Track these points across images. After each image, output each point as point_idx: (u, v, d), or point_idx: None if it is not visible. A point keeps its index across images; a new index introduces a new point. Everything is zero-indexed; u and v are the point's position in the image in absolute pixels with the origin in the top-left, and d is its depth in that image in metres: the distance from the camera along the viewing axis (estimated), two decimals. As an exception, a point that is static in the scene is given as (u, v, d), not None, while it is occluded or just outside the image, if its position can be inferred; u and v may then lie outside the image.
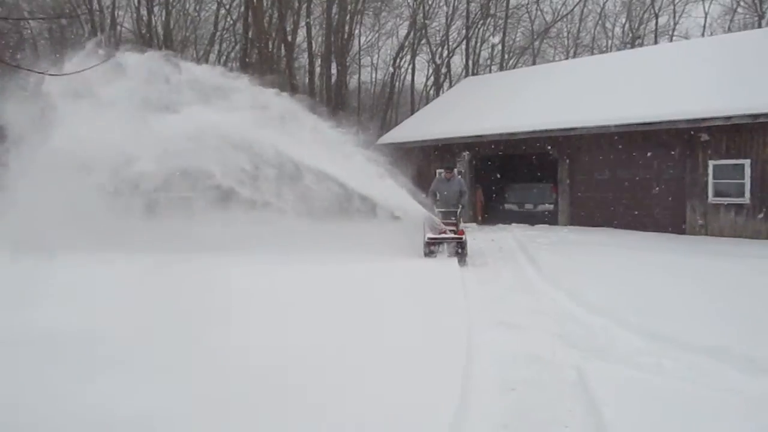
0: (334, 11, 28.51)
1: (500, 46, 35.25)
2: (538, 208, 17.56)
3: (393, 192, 10.10)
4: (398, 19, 34.58)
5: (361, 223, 13.00)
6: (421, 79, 38.22)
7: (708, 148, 13.19)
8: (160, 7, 27.88)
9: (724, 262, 9.18)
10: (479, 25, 34.74)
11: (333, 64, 29.60)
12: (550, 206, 17.10)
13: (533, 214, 17.45)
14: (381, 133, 24.28)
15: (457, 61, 36.35)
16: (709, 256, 9.92)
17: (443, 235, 10.00)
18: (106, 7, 27.49)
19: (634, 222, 14.21)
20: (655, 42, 33.43)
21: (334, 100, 28.43)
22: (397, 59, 33.89)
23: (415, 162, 17.87)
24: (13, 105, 8.00)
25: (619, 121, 14.13)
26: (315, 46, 29.45)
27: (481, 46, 35.73)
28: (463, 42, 34.51)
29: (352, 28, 30.29)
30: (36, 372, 4.13)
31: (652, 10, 34.49)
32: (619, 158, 14.69)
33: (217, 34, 30.46)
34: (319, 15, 29.85)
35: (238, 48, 29.24)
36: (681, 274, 8.25)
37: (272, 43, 25.93)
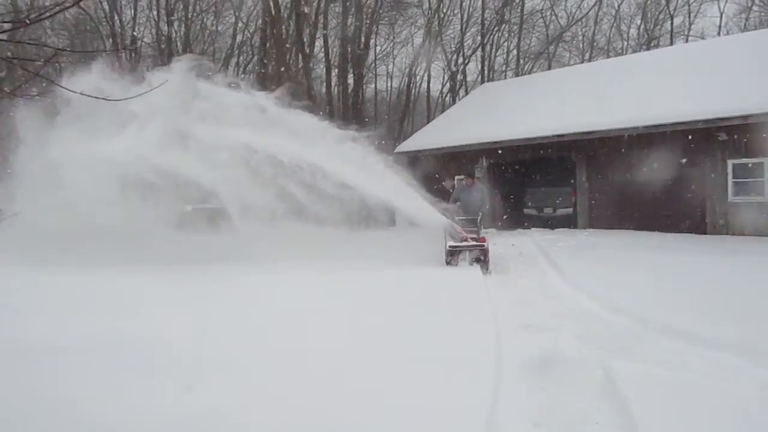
0: (350, 22, 28.85)
1: (515, 51, 35.34)
2: (558, 212, 17.55)
3: (413, 200, 10.16)
4: (413, 27, 34.91)
5: (380, 231, 13.14)
6: (437, 87, 38.47)
7: (726, 148, 13.20)
8: (179, 22, 28.52)
9: (748, 261, 9.19)
10: (494, 32, 34.87)
11: (350, 74, 29.93)
12: (569, 210, 17.08)
13: (553, 218, 17.45)
14: (398, 142, 24.50)
15: (473, 68, 36.60)
16: (733, 254, 9.93)
17: (465, 243, 9.94)
18: (127, 23, 28.23)
19: (655, 223, 14.20)
20: (671, 43, 33.25)
21: (351, 110, 28.75)
22: (413, 68, 34.16)
23: (433, 170, 18.08)
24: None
25: (637, 123, 14.19)
26: (332, 57, 29.85)
27: (497, 52, 35.89)
28: (479, 49, 34.64)
29: (368, 38, 30.63)
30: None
31: (668, 11, 34.34)
32: (637, 160, 14.70)
33: (236, 45, 31.02)
34: (335, 26, 30.26)
35: (256, 60, 29.71)
36: (704, 274, 8.26)
37: (289, 55, 26.32)
